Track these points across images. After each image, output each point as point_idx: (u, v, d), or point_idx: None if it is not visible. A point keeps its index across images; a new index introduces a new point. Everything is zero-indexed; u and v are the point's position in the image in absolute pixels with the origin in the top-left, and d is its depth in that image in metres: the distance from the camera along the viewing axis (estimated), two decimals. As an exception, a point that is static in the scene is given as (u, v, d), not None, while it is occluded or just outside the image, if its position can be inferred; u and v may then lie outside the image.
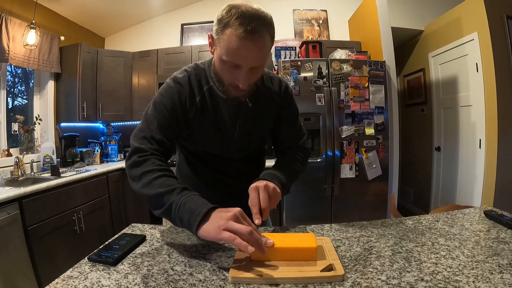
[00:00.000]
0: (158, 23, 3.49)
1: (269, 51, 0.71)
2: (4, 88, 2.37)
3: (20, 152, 2.41)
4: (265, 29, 0.66)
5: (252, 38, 0.64)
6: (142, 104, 3.04)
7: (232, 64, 0.69)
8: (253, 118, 0.87)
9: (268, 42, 0.69)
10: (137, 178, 0.69)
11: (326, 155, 2.30)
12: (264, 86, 0.89)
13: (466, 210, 0.91)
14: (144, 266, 0.62)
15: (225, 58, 0.69)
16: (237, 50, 0.65)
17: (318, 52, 2.66)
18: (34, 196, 1.73)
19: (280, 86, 0.92)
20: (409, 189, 3.70)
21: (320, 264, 0.57)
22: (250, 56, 0.67)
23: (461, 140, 2.75)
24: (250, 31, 0.63)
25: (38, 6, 2.49)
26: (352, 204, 2.34)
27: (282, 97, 0.92)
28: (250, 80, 0.72)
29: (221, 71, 0.74)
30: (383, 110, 2.34)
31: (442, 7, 3.00)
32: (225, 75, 0.74)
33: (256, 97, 0.86)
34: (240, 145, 0.89)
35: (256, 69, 0.71)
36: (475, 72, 2.48)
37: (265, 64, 0.75)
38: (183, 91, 0.81)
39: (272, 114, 0.92)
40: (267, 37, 0.68)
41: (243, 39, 0.64)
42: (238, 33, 0.64)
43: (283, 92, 0.92)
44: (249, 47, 0.65)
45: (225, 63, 0.70)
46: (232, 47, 0.66)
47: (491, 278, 0.51)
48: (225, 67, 0.72)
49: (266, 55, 0.71)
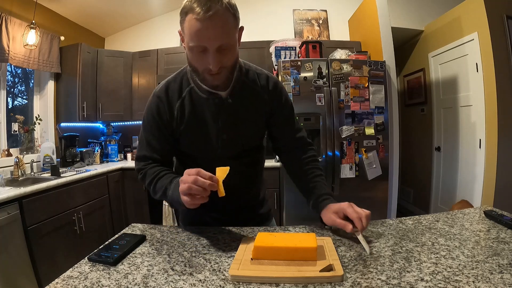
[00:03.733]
0: (158, 23, 3.49)
1: (233, 29, 0.71)
2: (4, 88, 2.37)
3: (20, 152, 2.41)
4: (222, 8, 0.67)
5: (209, 16, 0.65)
6: (142, 104, 3.04)
7: (199, 49, 0.70)
8: (237, 114, 0.86)
9: (229, 20, 0.69)
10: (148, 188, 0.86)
11: (326, 155, 2.30)
12: (248, 80, 0.88)
13: (466, 210, 0.91)
14: (144, 266, 0.62)
15: (191, 44, 0.70)
16: (198, 31, 0.67)
17: (318, 52, 2.66)
18: (34, 196, 1.73)
19: (267, 81, 0.90)
20: (409, 189, 3.70)
21: (320, 264, 0.57)
22: (211, 34, 0.67)
23: (461, 140, 2.75)
24: (206, 10, 0.65)
25: (38, 6, 2.49)
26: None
27: (271, 93, 0.90)
28: (222, 63, 0.72)
29: (192, 60, 0.74)
30: (383, 110, 2.34)
31: (442, 7, 3.00)
32: (197, 63, 0.74)
33: (239, 92, 0.85)
34: (227, 143, 0.88)
35: (225, 50, 0.71)
36: (475, 72, 2.48)
37: (234, 45, 0.74)
38: (161, 104, 0.84)
39: (260, 110, 0.90)
40: (227, 14, 0.68)
41: (201, 20, 0.66)
42: (195, 15, 0.66)
43: (272, 88, 0.90)
44: (208, 26, 0.66)
45: (192, 50, 0.71)
46: (193, 30, 0.68)
47: (491, 278, 0.51)
48: (194, 54, 0.72)
49: (230, 34, 0.71)
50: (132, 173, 2.69)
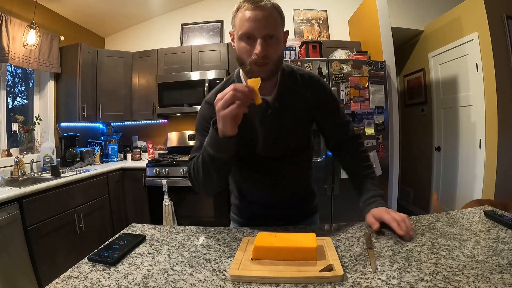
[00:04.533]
0: (158, 23, 3.49)
1: (279, 25, 0.77)
2: (4, 88, 2.37)
3: (20, 152, 2.41)
4: (270, 4, 0.75)
5: (258, 6, 0.73)
6: (142, 104, 3.04)
7: (247, 35, 0.75)
8: (283, 116, 0.88)
9: (275, 14, 0.76)
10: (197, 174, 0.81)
11: (326, 155, 2.30)
12: (292, 81, 0.90)
13: (466, 210, 0.91)
14: (144, 266, 0.62)
15: (240, 32, 0.75)
16: (247, 20, 0.73)
17: (318, 52, 2.66)
18: (34, 196, 1.73)
19: (310, 80, 0.92)
20: (409, 189, 3.70)
21: (320, 264, 0.57)
22: (259, 22, 0.73)
23: (461, 140, 2.75)
24: (254, 2, 0.73)
25: (38, 6, 2.49)
26: (352, 204, 2.32)
27: (314, 91, 0.92)
28: (268, 52, 0.75)
29: (240, 52, 0.78)
30: (383, 110, 2.34)
31: (442, 7, 2.99)
32: (245, 53, 0.77)
33: (284, 95, 0.88)
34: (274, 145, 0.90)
35: (271, 39, 0.75)
36: (475, 72, 2.48)
37: (280, 40, 0.78)
38: (211, 109, 0.85)
39: (305, 109, 0.92)
40: (274, 11, 0.75)
41: (250, 10, 0.73)
42: (246, 8, 0.73)
43: (315, 86, 0.92)
44: (257, 15, 0.72)
45: (241, 40, 0.76)
46: (243, 19, 0.74)
47: (491, 278, 0.51)
48: (242, 45, 0.76)
49: (277, 27, 0.76)
50: (132, 173, 2.70)
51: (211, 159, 0.75)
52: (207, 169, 0.77)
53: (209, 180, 0.79)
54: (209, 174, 0.78)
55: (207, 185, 0.82)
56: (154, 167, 2.58)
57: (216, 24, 3.36)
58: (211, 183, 0.80)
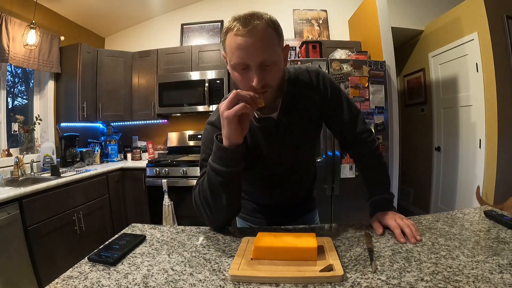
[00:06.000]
0: (158, 23, 3.49)
1: (275, 45, 0.68)
2: (4, 88, 2.37)
3: (20, 152, 2.41)
4: (261, 22, 0.65)
5: (248, 30, 0.63)
6: (142, 104, 3.04)
7: (241, 66, 0.67)
8: (292, 129, 0.84)
9: (269, 34, 0.66)
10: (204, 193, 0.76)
11: (326, 155, 2.30)
12: (294, 88, 0.83)
13: (466, 210, 0.91)
14: (144, 266, 0.62)
15: (233, 62, 0.67)
16: (238, 47, 0.65)
17: (318, 52, 2.66)
18: (34, 196, 1.73)
19: (309, 77, 0.85)
20: (409, 189, 3.70)
21: (320, 264, 0.57)
22: (251, 49, 0.64)
23: (461, 140, 2.75)
24: (244, 25, 0.63)
25: (38, 6, 2.49)
26: (352, 204, 2.34)
27: (321, 91, 0.85)
28: (266, 80, 0.68)
29: (237, 81, 0.71)
30: (383, 110, 2.34)
31: (442, 7, 2.99)
32: (241, 83, 0.70)
33: (289, 106, 0.82)
34: (283, 160, 0.89)
35: (268, 66, 0.67)
36: (475, 72, 2.48)
37: (278, 62, 0.70)
38: (215, 130, 0.81)
39: (312, 114, 0.86)
40: (267, 29, 0.66)
41: (240, 35, 0.64)
42: (235, 31, 0.64)
43: (316, 84, 0.85)
44: (248, 42, 0.64)
45: (235, 68, 0.69)
46: (233, 46, 0.65)
47: (491, 278, 0.51)
48: (237, 74, 0.70)
49: (273, 49, 0.67)
50: (132, 173, 2.70)
51: (217, 175, 0.69)
52: (214, 189, 0.71)
53: (217, 204, 0.73)
54: (216, 196, 0.72)
55: (215, 210, 0.75)
56: (154, 167, 2.58)
57: (216, 24, 3.36)
58: (219, 207, 0.74)
